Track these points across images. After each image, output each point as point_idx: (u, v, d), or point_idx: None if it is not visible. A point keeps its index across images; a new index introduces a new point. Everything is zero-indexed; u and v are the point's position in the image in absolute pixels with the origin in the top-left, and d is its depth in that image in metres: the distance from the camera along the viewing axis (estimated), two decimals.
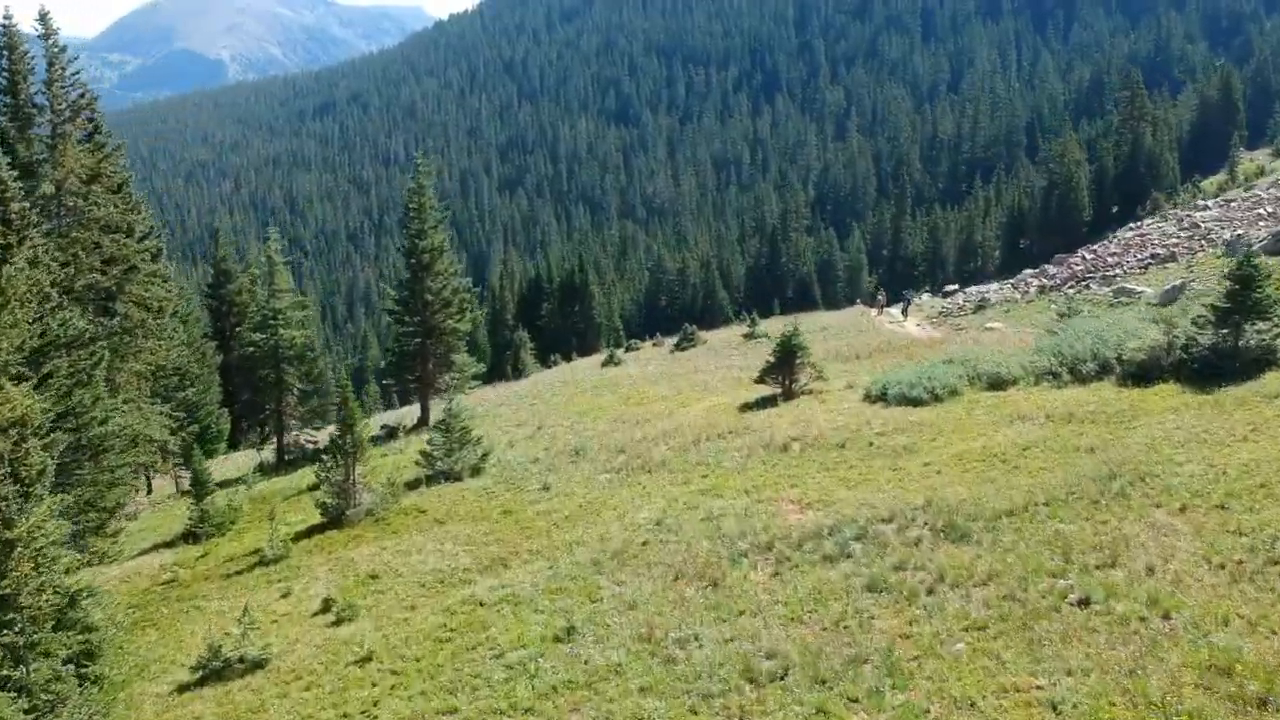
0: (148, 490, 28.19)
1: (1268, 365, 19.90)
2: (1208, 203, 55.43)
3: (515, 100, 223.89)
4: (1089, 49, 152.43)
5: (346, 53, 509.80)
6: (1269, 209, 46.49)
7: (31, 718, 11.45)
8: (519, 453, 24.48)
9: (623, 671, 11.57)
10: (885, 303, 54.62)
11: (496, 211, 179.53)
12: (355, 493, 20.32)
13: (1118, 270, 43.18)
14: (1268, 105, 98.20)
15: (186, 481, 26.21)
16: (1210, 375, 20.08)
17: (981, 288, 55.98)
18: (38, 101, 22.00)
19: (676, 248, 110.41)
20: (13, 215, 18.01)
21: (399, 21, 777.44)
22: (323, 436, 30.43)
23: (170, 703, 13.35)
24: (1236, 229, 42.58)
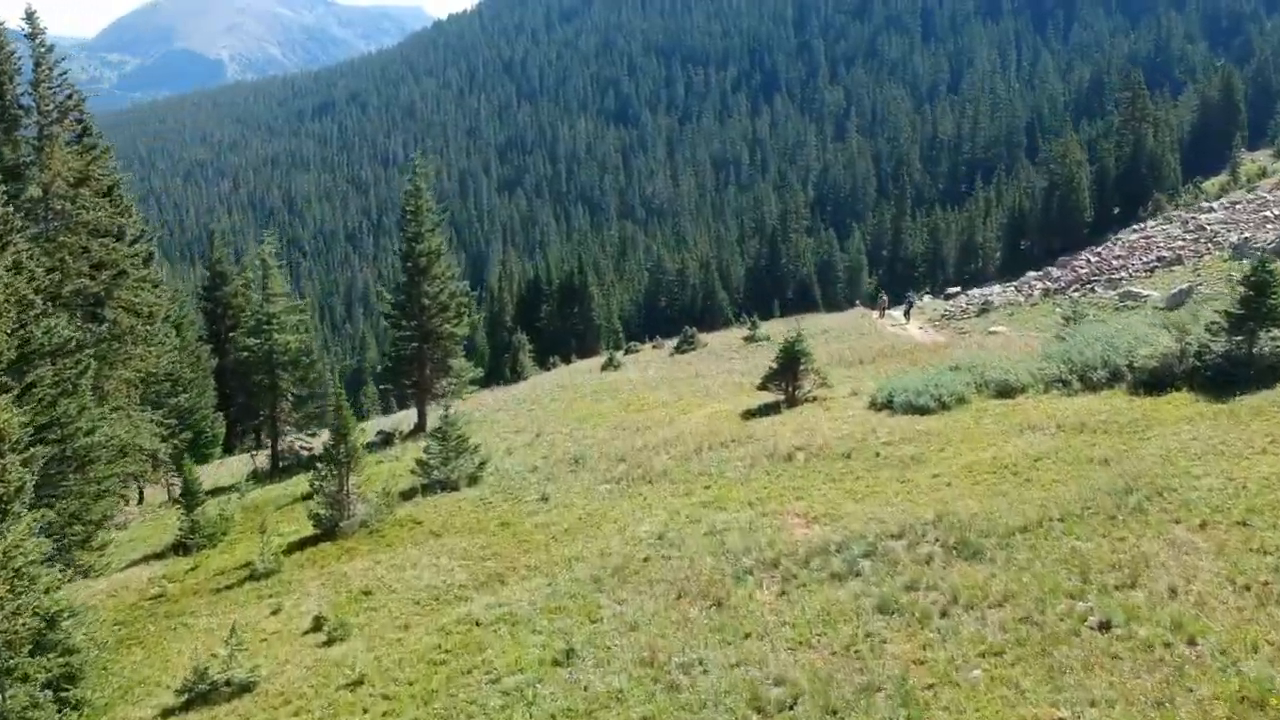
0: (139, 499, 27.67)
1: None
2: (1212, 204, 54.97)
3: (514, 100, 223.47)
4: (1089, 49, 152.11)
5: (346, 53, 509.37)
6: (1275, 211, 46.05)
7: None
8: (517, 461, 24.00)
9: (624, 699, 11.10)
10: (887, 305, 54.21)
11: (495, 212, 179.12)
12: (349, 503, 19.83)
13: (1123, 273, 42.75)
14: (1268, 106, 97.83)
15: (179, 489, 25.69)
16: (1224, 384, 19.57)
17: (984, 290, 55.53)
18: (24, 102, 21.48)
19: (676, 248, 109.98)
20: None
21: (398, 21, 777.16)
22: (318, 442, 29.92)
23: None
24: (1243, 232, 42.14)
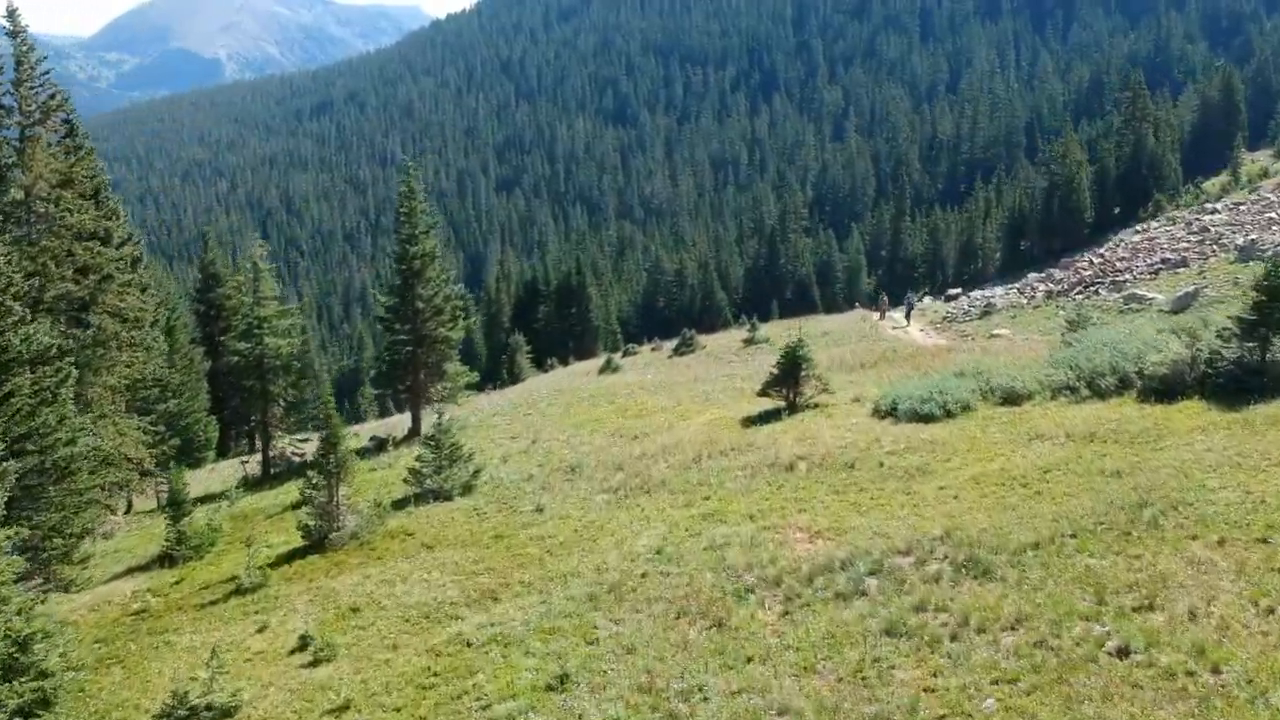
0: (127, 508, 27.11)
1: None
2: (1216, 205, 54.49)
3: (512, 100, 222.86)
4: (1088, 49, 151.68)
5: (344, 52, 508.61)
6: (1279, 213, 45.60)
7: None
8: (512, 469, 23.48)
9: None
10: (888, 306, 53.74)
11: (494, 211, 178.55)
12: (339, 515, 19.31)
13: (1127, 275, 42.23)
14: (1268, 106, 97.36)
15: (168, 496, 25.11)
16: (1237, 392, 19.10)
17: (986, 292, 55.07)
18: (5, 103, 20.95)
19: (674, 249, 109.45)
20: None
21: (396, 21, 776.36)
22: (310, 448, 29.34)
23: None
24: (1249, 233, 41.62)
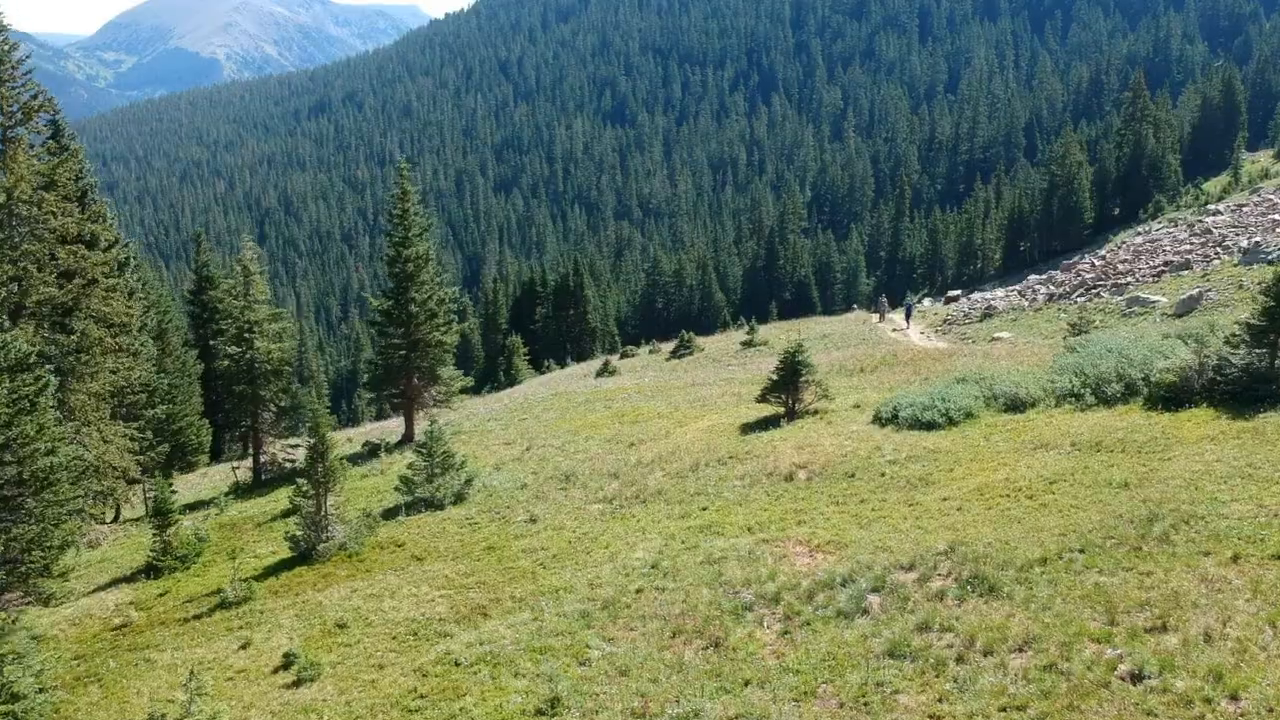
0: (115, 516, 26.62)
1: None
2: (1218, 207, 54.05)
3: (511, 100, 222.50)
4: (1087, 49, 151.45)
5: (342, 52, 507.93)
6: None
7: None
8: (506, 477, 23.03)
9: None
10: (888, 308, 53.34)
11: (492, 212, 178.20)
12: (327, 525, 18.85)
13: (1129, 278, 41.75)
14: (1268, 106, 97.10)
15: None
16: (1246, 399, 18.67)
17: (986, 294, 54.65)
18: None
19: (673, 249, 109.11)
20: None
21: (395, 20, 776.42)
22: (303, 453, 28.88)
23: None
24: (1252, 236, 41.17)
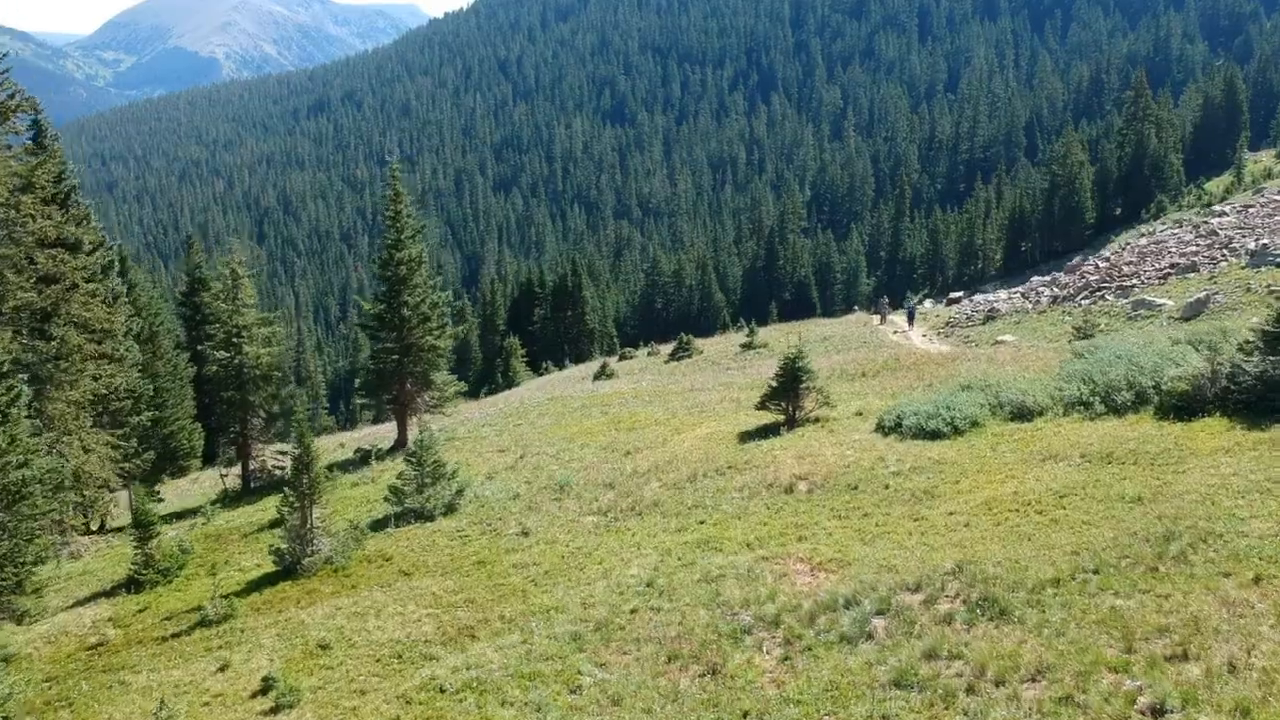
0: (100, 525, 26.03)
1: None
2: (1223, 208, 53.47)
3: (510, 99, 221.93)
4: (1087, 49, 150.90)
5: (341, 51, 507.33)
6: None
7: None
8: (498, 486, 22.44)
9: None
10: (889, 310, 52.78)
11: (491, 211, 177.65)
12: (312, 538, 18.26)
13: (1134, 280, 41.15)
14: (1269, 106, 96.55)
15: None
16: (1261, 409, 18.06)
17: (989, 295, 54.09)
18: None
19: (672, 249, 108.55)
20: None
21: (394, 20, 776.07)
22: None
23: None
24: (1259, 237, 40.58)
